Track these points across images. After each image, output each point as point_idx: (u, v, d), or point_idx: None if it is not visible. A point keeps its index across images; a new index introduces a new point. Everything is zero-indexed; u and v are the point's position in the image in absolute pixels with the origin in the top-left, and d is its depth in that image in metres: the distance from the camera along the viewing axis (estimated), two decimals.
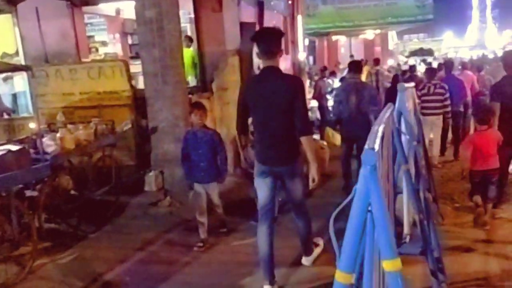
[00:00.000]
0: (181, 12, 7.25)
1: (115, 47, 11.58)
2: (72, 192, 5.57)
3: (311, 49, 26.56)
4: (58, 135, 5.38)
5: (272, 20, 11.16)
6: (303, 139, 3.94)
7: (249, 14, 9.62)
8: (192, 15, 9.42)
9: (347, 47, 30.82)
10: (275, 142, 3.99)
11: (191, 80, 8.75)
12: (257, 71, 8.69)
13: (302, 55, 13.86)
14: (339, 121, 6.93)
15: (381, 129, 1.97)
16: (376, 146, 1.52)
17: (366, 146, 1.55)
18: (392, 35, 35.50)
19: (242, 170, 7.53)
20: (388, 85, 10.53)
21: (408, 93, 4.15)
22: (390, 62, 27.88)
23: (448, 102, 7.94)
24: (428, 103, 7.83)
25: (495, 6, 74.11)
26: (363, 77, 11.05)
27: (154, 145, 6.83)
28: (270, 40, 3.95)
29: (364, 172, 1.42)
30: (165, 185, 6.74)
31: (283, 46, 4.23)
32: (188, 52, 8.65)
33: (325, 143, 8.41)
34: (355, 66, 7.08)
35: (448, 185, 6.96)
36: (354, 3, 25.11)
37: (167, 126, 6.73)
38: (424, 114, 7.43)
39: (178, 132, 6.56)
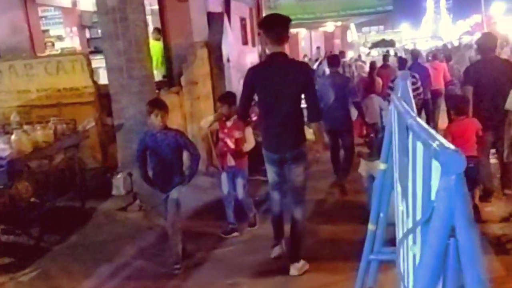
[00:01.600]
0: None
1: (72, 41, 10.88)
2: (32, 199, 5.00)
3: None
4: (13, 137, 4.82)
5: (239, 10, 10.75)
6: (313, 124, 4.24)
7: (215, 4, 9.16)
8: (154, 7, 8.93)
9: (307, 40, 30.66)
10: (285, 128, 4.05)
11: (156, 75, 8.27)
12: (226, 64, 8.32)
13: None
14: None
15: (424, 123, 1.61)
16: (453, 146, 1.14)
17: (443, 148, 1.15)
18: (351, 27, 35.62)
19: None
20: (364, 75, 10.50)
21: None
22: (351, 54, 27.86)
23: (420, 90, 8.19)
24: None
25: None
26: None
27: (120, 145, 6.32)
28: (280, 26, 4.05)
29: (446, 183, 1.05)
30: (134, 188, 6.24)
31: (249, 37, 4.29)
32: (158, 45, 8.16)
33: None
34: (334, 60, 7.12)
35: None
36: None
37: (134, 124, 6.22)
38: None
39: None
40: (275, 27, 4.04)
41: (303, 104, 4.23)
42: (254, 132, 5.69)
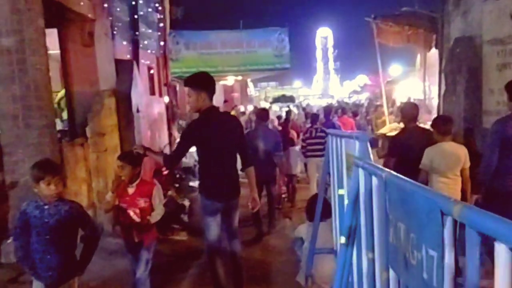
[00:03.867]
0: None
1: None
2: None
3: (173, 93, 26.06)
4: None
5: (147, 59, 10.28)
6: (248, 170, 4.54)
7: (124, 51, 8.63)
8: (54, 51, 8.18)
9: None
10: (230, 177, 4.35)
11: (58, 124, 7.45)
12: (136, 114, 7.73)
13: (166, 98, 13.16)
14: None
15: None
16: None
17: None
18: (248, 82, 36.63)
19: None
20: (278, 128, 10.87)
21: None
22: (250, 107, 28.42)
23: None
24: (312, 146, 8.45)
25: (337, 59, 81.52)
26: None
27: (13, 205, 5.40)
28: (213, 84, 4.32)
29: None
30: None
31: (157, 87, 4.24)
32: None
33: None
34: (262, 114, 7.59)
35: None
36: (217, 50, 25.54)
37: (31, 181, 5.38)
38: (308, 156, 8.56)
39: None
40: (209, 84, 4.28)
41: None
42: (164, 187, 5.16)
